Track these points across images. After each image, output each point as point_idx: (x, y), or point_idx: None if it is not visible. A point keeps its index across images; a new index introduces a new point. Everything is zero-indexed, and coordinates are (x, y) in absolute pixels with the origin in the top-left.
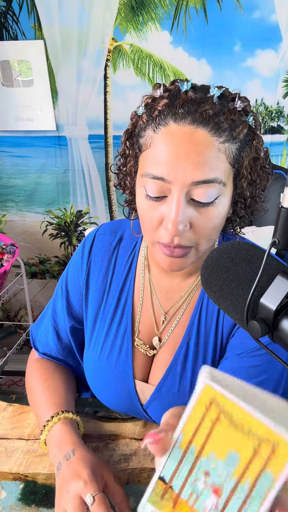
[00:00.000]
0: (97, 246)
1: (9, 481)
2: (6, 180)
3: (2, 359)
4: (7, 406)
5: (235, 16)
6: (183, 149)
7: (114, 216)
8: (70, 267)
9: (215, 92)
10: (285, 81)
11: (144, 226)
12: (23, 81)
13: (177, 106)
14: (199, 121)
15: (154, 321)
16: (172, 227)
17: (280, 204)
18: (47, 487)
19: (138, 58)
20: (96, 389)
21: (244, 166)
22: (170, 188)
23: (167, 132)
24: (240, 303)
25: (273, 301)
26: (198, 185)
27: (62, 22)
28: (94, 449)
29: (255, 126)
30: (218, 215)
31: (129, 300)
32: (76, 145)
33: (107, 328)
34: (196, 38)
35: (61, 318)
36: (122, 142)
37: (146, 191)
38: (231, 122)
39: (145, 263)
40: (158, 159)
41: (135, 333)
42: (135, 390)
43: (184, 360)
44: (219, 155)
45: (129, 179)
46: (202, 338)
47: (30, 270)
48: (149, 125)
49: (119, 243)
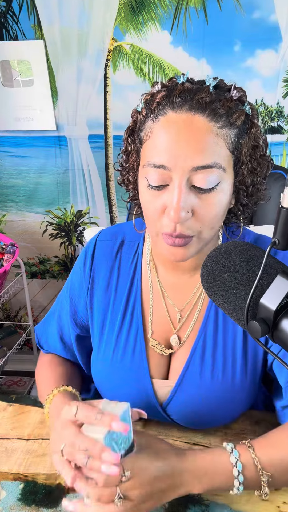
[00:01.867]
0: (99, 252)
1: (9, 481)
2: (6, 180)
3: (2, 359)
4: (7, 406)
5: (235, 16)
6: (182, 135)
7: (114, 216)
8: (73, 276)
9: (210, 82)
10: (285, 81)
11: (147, 217)
12: (23, 81)
13: (174, 96)
14: (196, 107)
15: (170, 320)
16: (174, 214)
17: (280, 204)
18: (47, 487)
19: (138, 58)
20: (108, 393)
21: (243, 153)
22: (171, 175)
23: (165, 120)
24: (240, 303)
25: (273, 301)
26: (198, 170)
27: (62, 22)
28: None
29: (252, 114)
30: (219, 201)
31: (137, 302)
32: (76, 145)
33: (117, 332)
34: (196, 38)
35: (66, 326)
36: (124, 140)
37: (148, 181)
38: (228, 109)
39: (151, 264)
40: (158, 147)
41: (148, 334)
42: (153, 390)
43: (202, 356)
44: (218, 140)
45: (132, 174)
46: (221, 332)
47: (30, 270)
48: (149, 117)
49: (121, 247)
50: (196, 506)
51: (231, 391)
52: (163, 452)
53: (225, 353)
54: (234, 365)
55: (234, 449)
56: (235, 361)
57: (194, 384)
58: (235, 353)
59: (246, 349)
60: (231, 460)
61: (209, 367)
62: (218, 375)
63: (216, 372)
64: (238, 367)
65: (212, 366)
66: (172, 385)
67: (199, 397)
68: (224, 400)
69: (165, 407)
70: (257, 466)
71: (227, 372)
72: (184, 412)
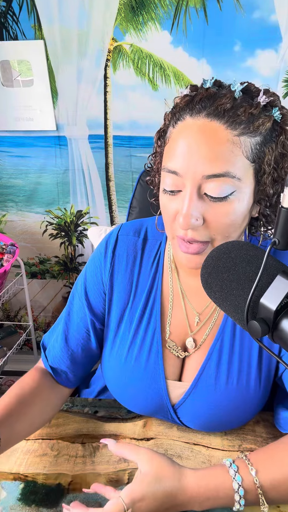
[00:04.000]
0: (121, 246)
1: (9, 481)
2: (6, 180)
3: (2, 359)
4: None
5: (235, 16)
6: (195, 142)
7: (114, 216)
8: (90, 268)
9: (236, 87)
10: (285, 81)
11: (164, 220)
12: (23, 81)
13: (195, 102)
14: (214, 114)
15: (187, 323)
16: (183, 221)
17: (280, 204)
18: (47, 487)
19: (138, 58)
20: (119, 392)
21: (265, 161)
22: (184, 182)
23: (183, 126)
24: (240, 303)
25: (273, 301)
26: (209, 179)
27: (62, 22)
28: (94, 449)
29: (282, 120)
30: (234, 211)
31: (157, 302)
32: (76, 145)
33: (134, 330)
34: (196, 38)
35: (76, 324)
36: (155, 141)
37: (164, 185)
38: (250, 116)
39: (172, 266)
40: (174, 153)
41: (166, 335)
42: (167, 390)
43: (218, 360)
44: (234, 148)
45: (157, 176)
46: (238, 338)
47: (30, 270)
48: (171, 122)
49: (144, 244)
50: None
51: (245, 397)
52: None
53: (241, 359)
54: (249, 371)
55: (238, 474)
56: (250, 367)
57: (208, 388)
58: (250, 360)
59: (261, 357)
60: (233, 486)
61: (225, 372)
62: (233, 380)
63: (231, 377)
64: (253, 374)
65: (228, 371)
66: (186, 387)
67: (212, 402)
68: (237, 406)
69: (176, 408)
70: (258, 490)
71: (242, 378)
72: (195, 415)
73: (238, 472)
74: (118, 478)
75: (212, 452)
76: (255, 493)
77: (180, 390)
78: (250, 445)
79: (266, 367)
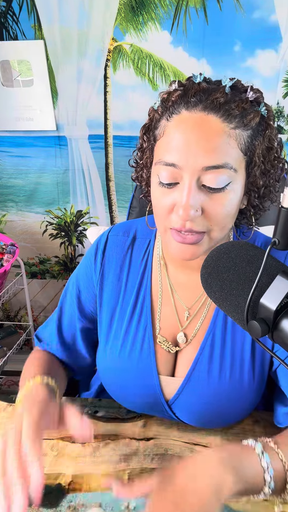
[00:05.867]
0: (110, 247)
1: None
2: (6, 180)
3: (2, 359)
4: (7, 406)
5: (235, 16)
6: (194, 135)
7: (114, 216)
8: (82, 269)
9: (227, 82)
10: (285, 81)
11: (156, 214)
12: (23, 81)
13: (190, 96)
14: (210, 107)
15: (177, 318)
16: (183, 212)
17: (280, 204)
18: (47, 487)
19: (138, 58)
20: (114, 389)
21: (256, 154)
22: (182, 174)
23: (179, 119)
24: (240, 303)
25: (273, 301)
26: (208, 170)
27: (62, 22)
28: (94, 449)
29: (267, 116)
30: (230, 202)
31: (147, 298)
32: (76, 145)
33: (126, 327)
34: (196, 38)
35: (67, 320)
36: (140, 137)
37: (159, 179)
38: (242, 110)
39: (161, 262)
40: (170, 146)
41: (156, 330)
42: (160, 386)
43: (210, 355)
44: (230, 141)
45: (145, 170)
46: (230, 332)
47: (30, 270)
48: (163, 116)
49: (133, 243)
50: None
51: (239, 391)
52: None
53: (234, 353)
54: (242, 365)
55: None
56: (243, 361)
57: (201, 382)
58: (243, 353)
59: (254, 350)
60: (263, 465)
61: (217, 366)
62: (226, 374)
63: (224, 371)
64: (246, 367)
65: (220, 365)
66: (179, 383)
67: (206, 396)
68: (231, 400)
69: (171, 404)
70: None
71: (235, 371)
72: (190, 410)
73: (265, 451)
74: (118, 478)
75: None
76: (283, 476)
77: (173, 386)
78: None
79: (260, 360)
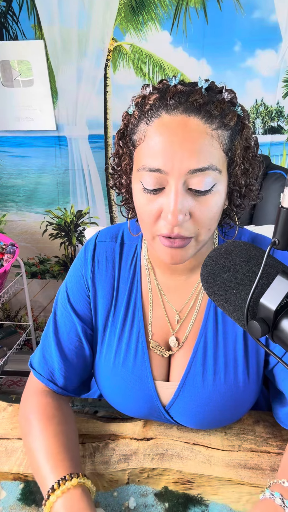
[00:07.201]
0: (99, 253)
1: (9, 481)
2: (6, 180)
3: (2, 359)
4: (7, 406)
5: (235, 16)
6: (177, 138)
7: (114, 216)
8: (71, 277)
9: (203, 84)
10: (285, 81)
11: (143, 221)
12: (23, 81)
13: (168, 98)
14: (191, 109)
15: (168, 322)
16: (172, 217)
17: (280, 204)
18: None
19: (138, 58)
20: (112, 397)
21: (236, 154)
22: (167, 179)
23: (160, 123)
24: (240, 303)
25: (273, 301)
26: (194, 173)
27: (62, 22)
28: (94, 449)
29: (243, 115)
30: (215, 203)
31: (138, 303)
32: (76, 145)
33: (119, 334)
34: (196, 38)
35: (65, 333)
36: (115, 143)
37: (143, 185)
38: (221, 110)
39: (149, 266)
40: (153, 150)
41: (149, 336)
42: (156, 392)
43: (203, 357)
44: (213, 142)
45: (125, 177)
46: (221, 333)
47: (30, 270)
48: (142, 120)
49: (122, 248)
50: (196, 506)
51: (234, 392)
52: None
53: (227, 354)
54: (236, 365)
55: (286, 500)
56: (237, 361)
57: (196, 386)
58: (236, 354)
59: (247, 349)
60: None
61: (211, 368)
62: (221, 376)
63: (218, 373)
64: (240, 368)
65: (214, 367)
66: (175, 387)
67: (202, 399)
68: (227, 401)
69: (168, 408)
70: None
71: (229, 372)
72: (187, 413)
73: (285, 498)
74: (118, 478)
75: (212, 452)
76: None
77: (169, 390)
78: (250, 445)
79: (254, 359)
